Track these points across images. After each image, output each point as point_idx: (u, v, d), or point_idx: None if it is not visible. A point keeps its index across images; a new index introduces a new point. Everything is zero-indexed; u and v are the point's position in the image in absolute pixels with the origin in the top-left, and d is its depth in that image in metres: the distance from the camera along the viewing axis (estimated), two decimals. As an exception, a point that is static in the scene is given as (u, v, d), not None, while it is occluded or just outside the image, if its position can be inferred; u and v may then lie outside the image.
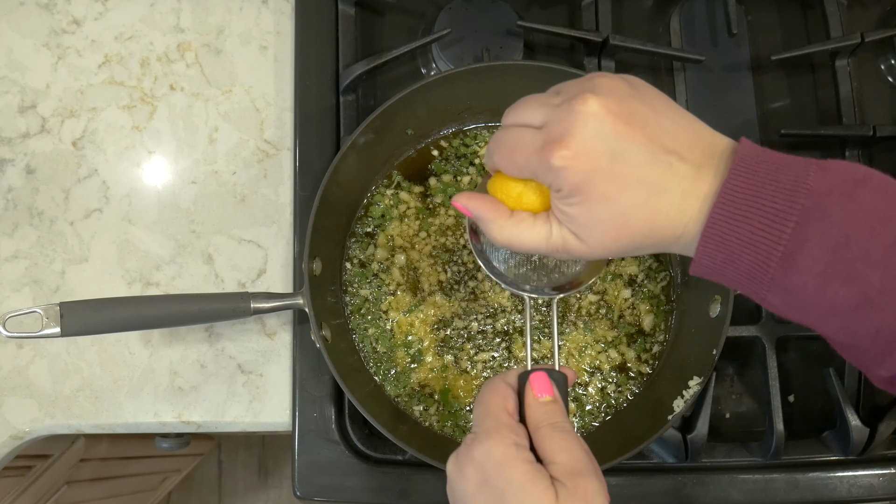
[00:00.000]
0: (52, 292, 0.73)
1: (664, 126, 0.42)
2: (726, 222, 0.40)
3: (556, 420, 0.46)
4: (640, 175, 0.41)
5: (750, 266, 0.40)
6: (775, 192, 0.39)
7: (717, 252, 0.41)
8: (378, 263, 0.71)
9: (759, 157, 0.40)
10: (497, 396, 0.48)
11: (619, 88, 0.43)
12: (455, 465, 0.46)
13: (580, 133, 0.41)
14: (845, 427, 0.68)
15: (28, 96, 0.76)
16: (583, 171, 0.41)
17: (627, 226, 0.42)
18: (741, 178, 0.40)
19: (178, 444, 0.99)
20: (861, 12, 0.79)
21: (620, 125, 0.41)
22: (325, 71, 0.74)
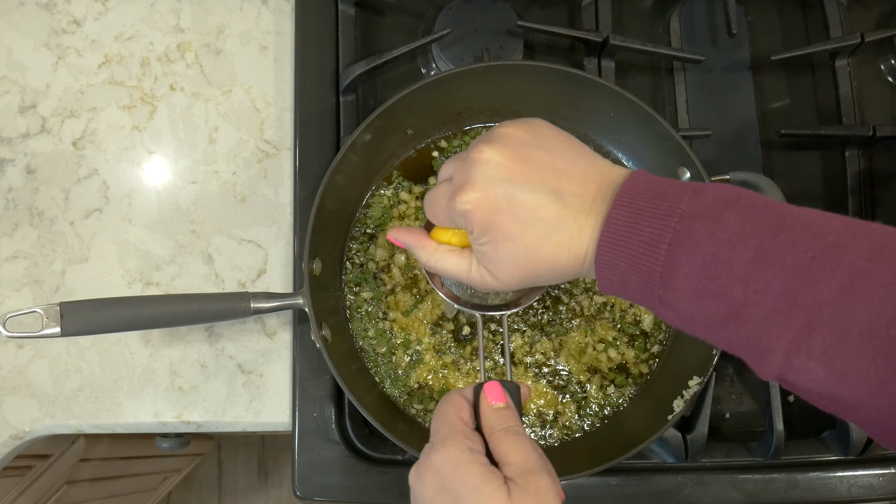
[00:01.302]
0: (52, 292, 0.73)
1: (559, 167, 0.46)
2: (612, 248, 0.44)
3: (509, 424, 0.49)
4: (538, 215, 0.46)
5: (639, 287, 0.44)
6: (652, 219, 0.42)
7: (611, 275, 0.45)
8: (378, 263, 0.71)
9: (644, 188, 0.44)
10: (452, 407, 0.51)
11: (516, 136, 0.47)
12: (415, 474, 0.49)
13: (478, 179, 0.46)
14: (845, 427, 0.68)
15: (28, 96, 0.76)
16: (485, 212, 0.46)
17: (533, 261, 0.47)
18: (623, 207, 0.44)
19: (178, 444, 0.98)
20: (861, 12, 0.79)
21: (515, 170, 0.46)
22: (325, 71, 0.74)
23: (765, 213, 0.41)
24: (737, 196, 0.42)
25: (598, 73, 0.75)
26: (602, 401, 0.69)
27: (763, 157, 0.77)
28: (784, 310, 0.39)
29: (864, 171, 0.76)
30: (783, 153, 0.77)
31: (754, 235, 0.40)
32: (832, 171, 0.77)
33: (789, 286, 0.39)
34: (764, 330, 0.40)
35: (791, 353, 0.39)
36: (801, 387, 0.40)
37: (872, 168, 0.76)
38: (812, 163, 0.77)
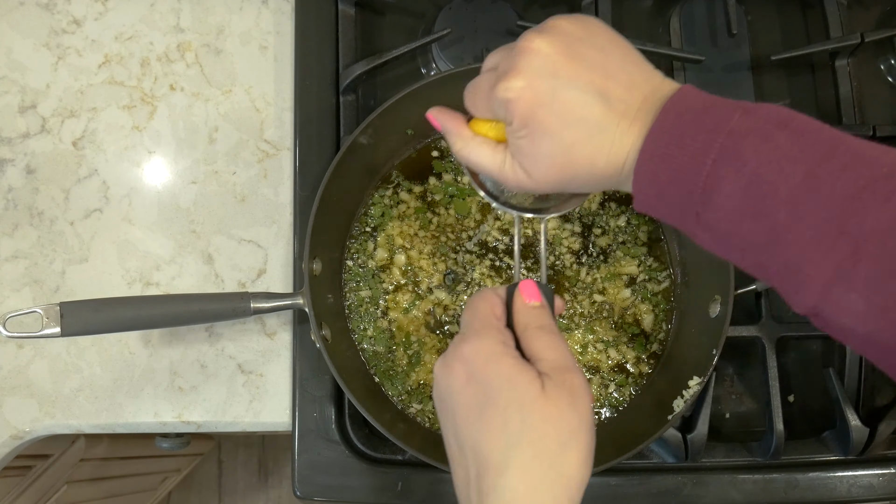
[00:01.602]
0: (52, 292, 0.73)
1: (609, 69, 0.44)
2: (653, 160, 0.42)
3: (544, 322, 0.48)
4: (580, 114, 0.44)
5: (678, 202, 0.42)
6: (697, 132, 0.41)
7: (649, 188, 0.43)
8: (378, 263, 0.71)
9: (693, 101, 0.42)
10: (485, 302, 0.49)
11: (569, 31, 0.45)
12: (442, 364, 0.47)
13: (524, 68, 0.44)
14: (845, 427, 0.68)
15: (28, 96, 0.76)
16: (527, 103, 0.44)
17: (570, 162, 0.45)
18: (670, 118, 0.42)
19: (178, 444, 0.99)
20: (861, 12, 0.79)
21: (563, 64, 0.44)
22: (325, 71, 0.74)
23: (817, 138, 0.40)
24: (789, 117, 0.41)
25: (598, 73, 0.75)
26: (602, 401, 0.69)
27: (763, 157, 0.77)
28: (829, 237, 0.37)
29: (864, 171, 0.76)
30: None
31: (804, 159, 0.39)
32: (832, 171, 0.77)
33: (836, 214, 0.37)
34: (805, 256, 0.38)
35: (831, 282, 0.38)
36: (836, 322, 0.39)
37: (872, 168, 0.76)
38: (812, 163, 0.77)
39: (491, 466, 0.43)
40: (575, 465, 0.43)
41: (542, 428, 0.43)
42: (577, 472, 0.43)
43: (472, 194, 0.72)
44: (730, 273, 0.64)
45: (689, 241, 0.70)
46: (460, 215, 0.72)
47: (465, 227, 0.72)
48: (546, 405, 0.43)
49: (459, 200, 0.72)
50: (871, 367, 0.73)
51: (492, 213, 0.72)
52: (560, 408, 0.43)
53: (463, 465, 0.45)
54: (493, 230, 0.72)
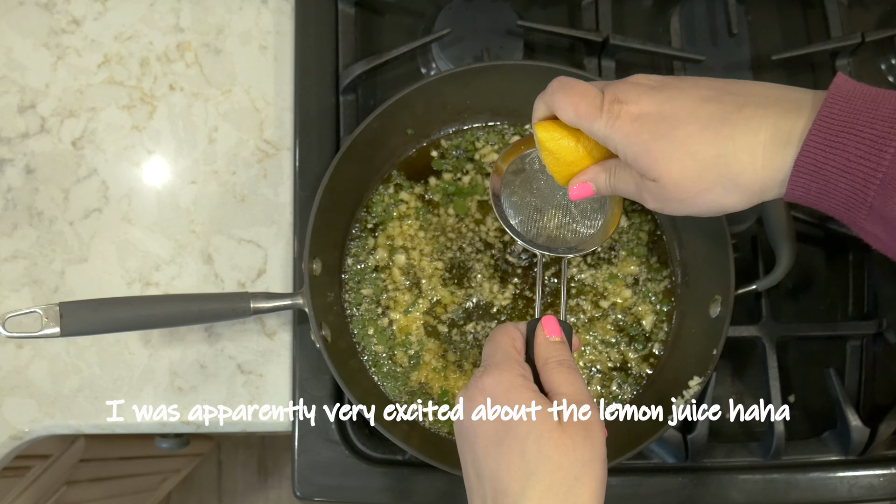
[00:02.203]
0: (52, 292, 0.73)
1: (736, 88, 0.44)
2: (821, 151, 0.40)
3: (563, 357, 0.50)
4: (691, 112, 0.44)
5: (847, 195, 0.40)
6: (874, 120, 0.39)
7: (811, 182, 0.41)
8: (378, 263, 0.71)
9: (857, 90, 0.41)
10: (507, 336, 0.51)
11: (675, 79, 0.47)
12: (466, 395, 0.49)
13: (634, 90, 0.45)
14: (845, 427, 0.68)
15: (27, 96, 0.76)
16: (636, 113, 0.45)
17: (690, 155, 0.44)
18: (837, 107, 0.40)
19: (178, 444, 0.98)
20: (861, 12, 0.79)
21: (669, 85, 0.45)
22: (325, 71, 0.74)
23: None
24: None
25: (598, 73, 0.75)
26: (603, 401, 0.69)
27: (763, 157, 0.77)
28: None
29: (865, 171, 0.76)
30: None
31: None
32: (832, 171, 0.76)
33: None
34: None
35: None
36: None
37: (873, 168, 0.76)
38: (812, 163, 0.77)
39: (508, 495, 0.44)
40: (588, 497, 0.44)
41: (559, 459, 0.44)
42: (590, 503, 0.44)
43: (471, 193, 0.72)
44: (730, 273, 0.64)
45: (690, 241, 0.70)
46: (460, 215, 0.72)
47: (464, 226, 0.72)
48: (562, 437, 0.45)
49: (459, 200, 0.72)
50: (871, 367, 0.73)
51: (491, 213, 0.72)
52: (575, 440, 0.45)
53: (480, 493, 0.47)
54: (491, 230, 0.72)
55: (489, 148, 0.73)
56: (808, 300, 0.74)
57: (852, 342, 0.73)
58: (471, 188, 0.72)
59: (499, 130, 0.74)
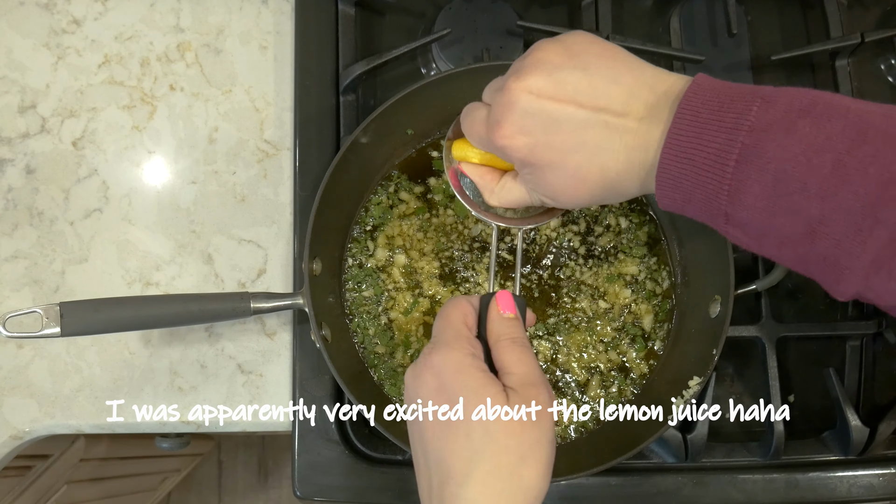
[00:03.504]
0: (52, 292, 0.73)
1: (598, 88, 0.44)
2: (674, 164, 0.42)
3: (516, 335, 0.49)
4: (577, 139, 0.44)
5: (704, 204, 0.42)
6: (717, 132, 0.40)
7: (673, 193, 0.43)
8: (378, 263, 0.71)
9: (709, 96, 0.42)
10: (458, 311, 0.50)
11: (548, 61, 0.45)
12: (412, 372, 0.48)
13: (510, 114, 0.45)
14: (845, 427, 0.68)
15: (28, 96, 0.76)
16: (522, 146, 0.46)
17: (583, 183, 0.46)
18: (686, 121, 0.41)
19: (178, 444, 0.99)
20: (861, 12, 0.79)
21: (547, 98, 0.44)
22: (325, 71, 0.74)
23: (844, 123, 0.38)
24: (811, 103, 0.39)
25: (598, 73, 0.75)
26: (602, 401, 0.69)
27: (763, 157, 0.77)
28: (864, 227, 0.37)
29: (865, 171, 0.76)
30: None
31: (831, 148, 0.37)
32: (832, 171, 0.76)
33: (870, 202, 0.36)
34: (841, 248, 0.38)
35: (870, 272, 0.37)
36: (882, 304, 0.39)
37: (872, 168, 0.76)
38: (812, 163, 0.77)
39: (453, 476, 0.44)
40: (534, 478, 0.44)
41: (504, 440, 0.44)
42: (535, 484, 0.44)
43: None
44: (730, 273, 0.64)
45: (689, 241, 0.70)
46: (460, 216, 0.72)
47: (464, 226, 0.72)
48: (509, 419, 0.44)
49: (460, 202, 0.72)
50: (871, 367, 0.73)
51: (492, 213, 0.72)
52: (522, 421, 0.44)
53: (426, 474, 0.46)
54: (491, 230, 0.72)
55: (489, 148, 0.73)
56: (807, 300, 0.74)
57: (852, 342, 0.73)
58: None
59: (499, 130, 0.74)
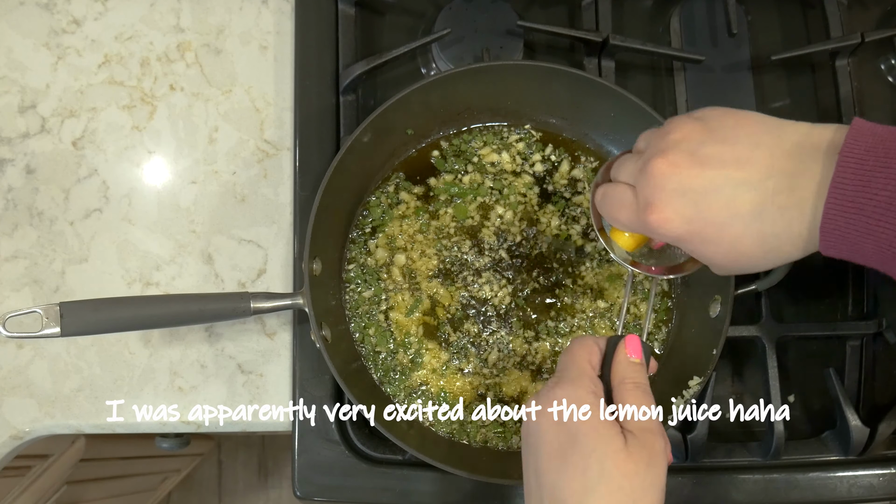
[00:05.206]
0: (52, 292, 0.73)
1: (742, 156, 0.45)
2: (840, 215, 0.41)
3: (639, 380, 0.50)
4: (730, 211, 0.45)
5: (876, 253, 0.41)
6: (886, 180, 0.40)
7: (840, 244, 0.42)
8: (378, 263, 0.71)
9: (871, 143, 0.41)
10: (584, 350, 0.51)
11: (689, 138, 0.47)
12: (536, 400, 0.49)
13: (661, 194, 0.46)
14: (845, 427, 0.68)
15: (28, 96, 0.76)
16: (679, 226, 0.46)
17: (741, 253, 0.46)
18: (850, 170, 0.41)
19: (178, 444, 0.99)
20: (861, 12, 0.79)
21: (694, 177, 0.45)
22: (325, 71, 0.74)
23: None
24: None
25: (598, 73, 0.75)
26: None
27: (763, 157, 0.77)
28: None
29: (865, 171, 0.76)
30: None
31: None
32: (832, 171, 0.76)
33: None
34: None
35: None
36: None
37: (873, 168, 0.76)
38: (812, 163, 0.77)
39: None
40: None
41: (619, 480, 0.45)
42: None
43: (471, 194, 0.72)
44: (730, 273, 0.64)
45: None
46: (460, 219, 0.72)
47: (464, 227, 0.72)
48: (626, 460, 0.45)
49: (460, 203, 0.72)
50: (871, 367, 0.73)
51: (489, 216, 0.72)
52: (638, 465, 0.45)
53: (538, 495, 0.48)
54: (490, 230, 0.72)
55: (489, 148, 0.73)
56: (808, 300, 0.74)
57: (852, 342, 0.73)
58: (471, 188, 0.72)
59: (498, 130, 0.74)
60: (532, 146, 0.74)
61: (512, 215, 0.72)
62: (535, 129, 0.74)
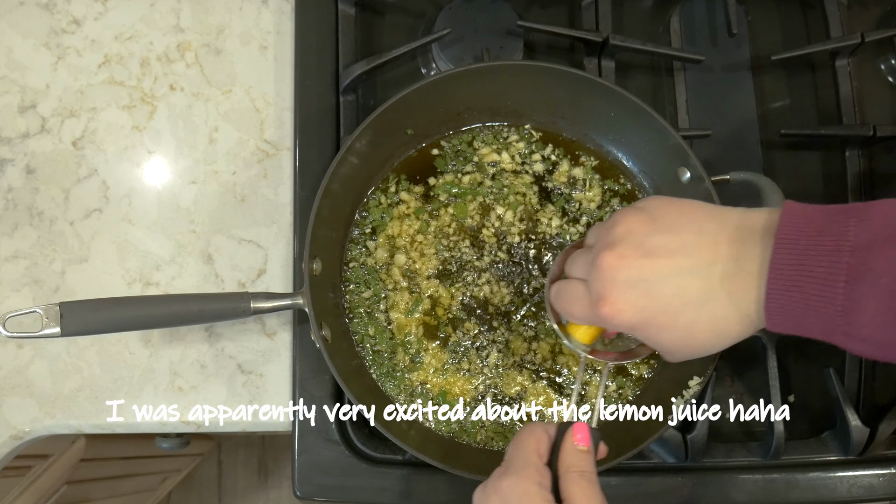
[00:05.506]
0: (52, 292, 0.73)
1: (687, 244, 0.46)
2: (782, 294, 0.43)
3: (586, 469, 0.50)
4: (681, 299, 0.46)
5: (819, 326, 0.43)
6: (819, 257, 0.41)
7: (784, 321, 0.44)
8: (378, 263, 0.71)
9: (801, 223, 0.43)
10: (533, 438, 0.51)
11: (635, 230, 0.48)
12: (482, 493, 0.50)
13: (612, 287, 0.48)
14: (845, 427, 0.68)
15: (28, 96, 0.76)
16: (631, 317, 0.48)
17: (694, 339, 0.48)
18: (785, 250, 0.42)
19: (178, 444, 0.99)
20: (861, 12, 0.79)
21: (643, 267, 0.46)
22: (325, 71, 0.74)
23: None
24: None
25: (598, 73, 0.75)
26: (602, 400, 0.69)
27: (763, 157, 0.77)
28: None
29: (865, 172, 0.76)
30: (783, 153, 0.77)
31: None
32: (832, 171, 0.77)
33: None
34: None
35: None
36: None
37: (873, 168, 0.76)
38: (812, 163, 0.77)
39: None
40: None
41: None
42: None
43: (471, 194, 0.72)
44: (730, 273, 0.64)
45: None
46: (460, 219, 0.72)
47: (464, 226, 0.72)
48: None
49: (460, 203, 0.72)
50: (871, 367, 0.73)
51: (489, 216, 0.72)
52: None
53: None
54: (490, 230, 0.72)
55: (489, 148, 0.73)
56: (807, 300, 0.74)
57: (852, 342, 0.73)
58: (471, 188, 0.72)
59: (498, 130, 0.74)
60: (532, 146, 0.74)
61: (512, 215, 0.72)
62: (535, 129, 0.74)
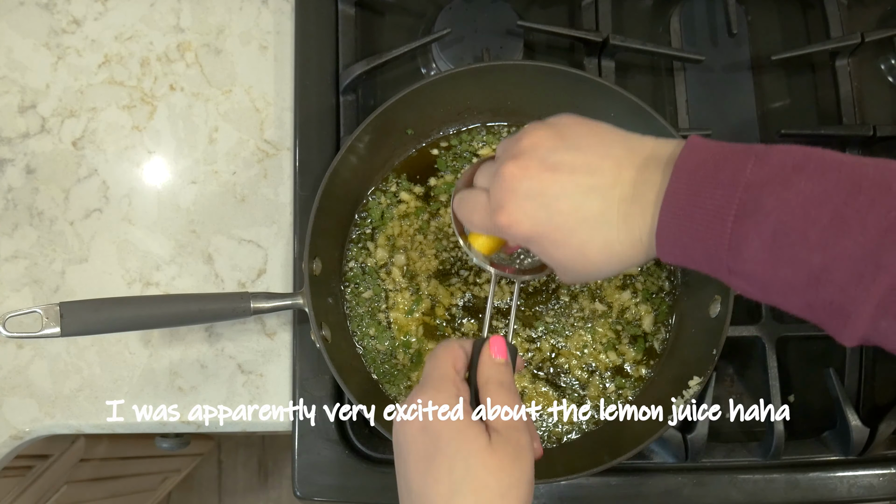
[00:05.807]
0: (52, 292, 0.73)
1: (592, 164, 0.46)
2: (673, 223, 0.43)
3: (504, 379, 0.50)
4: (578, 217, 0.46)
5: (705, 259, 0.43)
6: (714, 189, 0.41)
7: (673, 249, 0.44)
8: (378, 263, 0.71)
9: (703, 156, 0.43)
10: (448, 354, 0.52)
11: (542, 145, 0.47)
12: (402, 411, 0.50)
13: (512, 197, 0.47)
14: (845, 427, 0.68)
15: (28, 96, 0.76)
16: (527, 228, 0.47)
17: (588, 259, 0.47)
18: (682, 181, 0.43)
19: (178, 444, 0.99)
20: (861, 12, 0.79)
21: (546, 180, 0.46)
22: (325, 71, 0.74)
23: (839, 175, 0.39)
24: (805, 158, 0.41)
25: (598, 72, 0.75)
26: (602, 401, 0.69)
27: (763, 157, 0.77)
28: (867, 273, 0.37)
29: (865, 171, 0.76)
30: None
31: (828, 200, 0.39)
32: (832, 171, 0.76)
33: (871, 249, 0.37)
34: (846, 294, 0.39)
35: (876, 317, 0.38)
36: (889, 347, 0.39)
37: (872, 168, 0.76)
38: (812, 163, 0.77)
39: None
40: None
41: (485, 478, 0.45)
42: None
43: (472, 194, 0.72)
44: (730, 273, 0.64)
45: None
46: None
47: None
48: (490, 457, 0.45)
49: None
50: (871, 367, 0.73)
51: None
52: (503, 461, 0.46)
53: None
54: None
55: (489, 148, 0.73)
56: (807, 300, 0.74)
57: (852, 342, 0.73)
58: None
59: (498, 130, 0.74)
60: (532, 146, 0.74)
61: None
62: (535, 129, 0.74)
